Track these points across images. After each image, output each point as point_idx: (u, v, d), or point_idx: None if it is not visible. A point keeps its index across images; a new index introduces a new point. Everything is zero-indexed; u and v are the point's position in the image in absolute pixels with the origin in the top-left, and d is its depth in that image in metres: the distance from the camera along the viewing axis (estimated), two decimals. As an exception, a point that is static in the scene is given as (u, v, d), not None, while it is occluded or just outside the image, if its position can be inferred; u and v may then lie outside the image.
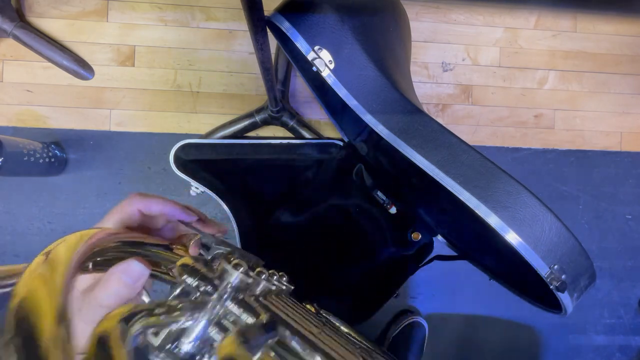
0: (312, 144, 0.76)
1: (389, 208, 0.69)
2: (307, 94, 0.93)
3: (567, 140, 1.01)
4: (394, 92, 0.44)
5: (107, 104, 0.88)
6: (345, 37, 0.44)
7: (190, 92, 0.90)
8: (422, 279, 0.96)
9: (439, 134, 0.41)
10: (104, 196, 0.88)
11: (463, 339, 0.99)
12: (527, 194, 0.38)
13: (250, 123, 0.86)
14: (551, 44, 1.00)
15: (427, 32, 0.96)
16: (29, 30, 0.82)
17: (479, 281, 0.76)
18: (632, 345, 1.03)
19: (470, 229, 0.59)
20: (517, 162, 0.99)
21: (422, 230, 0.68)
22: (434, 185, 0.41)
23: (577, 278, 0.39)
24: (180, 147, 0.73)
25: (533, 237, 0.38)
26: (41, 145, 0.80)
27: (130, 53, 0.88)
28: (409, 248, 0.69)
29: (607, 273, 1.02)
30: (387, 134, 0.43)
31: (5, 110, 0.86)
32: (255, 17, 0.38)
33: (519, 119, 0.99)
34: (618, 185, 1.01)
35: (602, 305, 1.02)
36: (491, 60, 0.98)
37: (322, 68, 0.44)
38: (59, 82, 0.87)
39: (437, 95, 0.97)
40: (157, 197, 0.29)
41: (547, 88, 1.00)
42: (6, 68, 0.86)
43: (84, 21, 0.87)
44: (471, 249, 0.62)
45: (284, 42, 0.51)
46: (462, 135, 0.42)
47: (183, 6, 0.88)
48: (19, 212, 0.86)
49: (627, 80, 1.02)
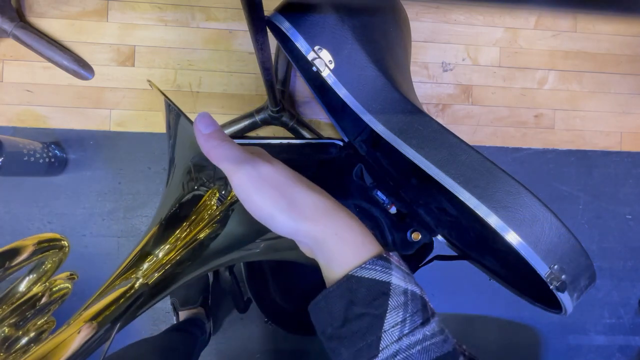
0: (312, 144, 0.76)
1: (389, 208, 0.69)
2: (307, 94, 0.93)
3: (567, 140, 1.01)
4: (394, 92, 0.44)
5: (107, 104, 0.88)
6: (345, 37, 0.44)
7: (190, 92, 0.90)
8: (422, 279, 0.96)
9: (439, 134, 0.41)
10: (104, 196, 0.88)
11: (463, 339, 0.99)
12: (527, 194, 0.38)
13: (250, 123, 0.86)
14: (551, 44, 1.00)
15: (427, 32, 0.96)
16: (29, 30, 0.82)
17: (479, 281, 0.76)
18: (632, 345, 1.03)
19: (470, 228, 0.59)
20: (517, 162, 0.99)
21: (422, 230, 0.68)
22: (434, 185, 0.41)
23: (577, 278, 0.39)
24: (180, 147, 0.72)
25: (533, 237, 0.38)
26: (41, 145, 0.80)
27: (130, 53, 0.88)
28: (409, 248, 0.69)
29: (607, 273, 1.02)
30: (387, 134, 0.43)
31: (5, 110, 0.86)
32: (255, 17, 0.38)
33: (519, 119, 0.99)
34: (618, 185, 1.01)
35: (602, 305, 1.02)
36: (491, 60, 0.98)
37: (322, 68, 0.44)
38: (59, 82, 0.87)
39: (437, 95, 0.97)
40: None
41: (547, 88, 1.00)
42: (6, 68, 0.86)
43: (84, 21, 0.87)
44: (471, 249, 0.62)
45: (284, 42, 0.51)
46: (462, 135, 0.42)
47: (183, 6, 0.88)
48: (19, 212, 0.86)
49: (627, 80, 1.02)
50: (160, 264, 0.26)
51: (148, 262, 0.26)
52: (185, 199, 0.26)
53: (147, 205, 0.89)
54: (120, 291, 0.21)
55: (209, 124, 0.23)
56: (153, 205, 0.89)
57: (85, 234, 0.88)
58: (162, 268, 0.26)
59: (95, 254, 0.88)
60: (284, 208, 0.22)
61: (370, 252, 0.23)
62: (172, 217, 0.27)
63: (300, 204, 0.22)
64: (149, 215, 0.89)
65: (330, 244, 0.23)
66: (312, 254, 0.24)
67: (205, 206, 0.26)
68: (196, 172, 0.26)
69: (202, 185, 0.26)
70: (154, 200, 0.89)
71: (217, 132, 0.23)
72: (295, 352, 0.95)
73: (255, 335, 0.93)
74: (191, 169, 0.26)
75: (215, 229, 0.26)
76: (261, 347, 0.93)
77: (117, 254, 0.89)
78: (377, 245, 0.24)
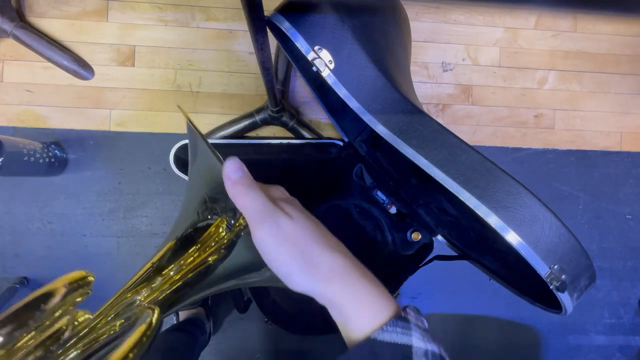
0: (312, 144, 0.76)
1: (389, 208, 0.69)
2: (307, 94, 0.93)
3: (567, 140, 1.01)
4: (394, 92, 0.44)
5: (107, 104, 0.88)
6: (345, 37, 0.44)
7: (190, 92, 0.90)
8: (422, 279, 0.96)
9: (439, 134, 0.41)
10: (104, 196, 0.88)
11: (463, 339, 0.99)
12: (527, 193, 0.38)
13: (250, 123, 0.86)
14: (551, 44, 1.00)
15: (427, 32, 0.96)
16: (29, 30, 0.82)
17: (479, 281, 0.76)
18: (632, 345, 1.03)
19: (470, 228, 0.59)
20: (517, 162, 0.99)
21: (422, 230, 0.68)
22: (434, 185, 0.41)
23: (577, 278, 0.39)
24: (180, 147, 0.73)
25: (533, 237, 0.38)
26: (41, 145, 0.80)
27: (130, 53, 0.88)
28: (409, 248, 0.69)
29: (607, 273, 1.02)
30: (387, 133, 0.43)
31: (5, 110, 0.86)
32: (255, 17, 0.38)
33: (519, 119, 0.99)
34: (618, 185, 1.01)
35: (602, 305, 1.02)
36: (491, 60, 0.98)
37: (322, 68, 0.44)
38: (59, 82, 0.87)
39: (437, 95, 0.97)
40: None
41: (547, 88, 1.00)
42: (6, 68, 0.86)
43: (84, 21, 0.87)
44: (471, 249, 0.62)
45: (284, 42, 0.51)
46: (462, 135, 0.42)
47: (183, 6, 0.88)
48: (19, 212, 0.86)
49: (627, 80, 1.02)
50: (172, 281, 0.27)
51: (160, 278, 0.26)
52: (200, 225, 0.28)
53: (147, 205, 0.89)
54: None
55: (238, 169, 0.23)
56: (153, 205, 0.89)
57: (85, 234, 0.88)
58: (172, 286, 0.26)
59: (95, 254, 0.88)
60: (302, 268, 0.23)
61: (389, 312, 0.24)
62: (186, 238, 0.28)
63: (318, 264, 0.23)
64: (149, 215, 0.89)
65: (347, 306, 0.23)
66: (329, 310, 0.25)
67: (213, 233, 0.27)
68: (211, 202, 0.27)
69: (215, 214, 0.27)
70: (154, 200, 0.89)
71: (245, 179, 0.24)
72: (295, 352, 0.95)
73: (255, 335, 0.93)
74: (207, 199, 0.27)
75: (223, 254, 0.27)
76: (261, 347, 0.93)
77: (117, 254, 0.89)
78: (393, 302, 0.25)
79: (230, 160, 0.24)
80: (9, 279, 0.86)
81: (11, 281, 0.85)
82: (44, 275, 0.87)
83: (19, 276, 0.86)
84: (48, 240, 0.87)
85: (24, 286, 0.86)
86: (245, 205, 0.23)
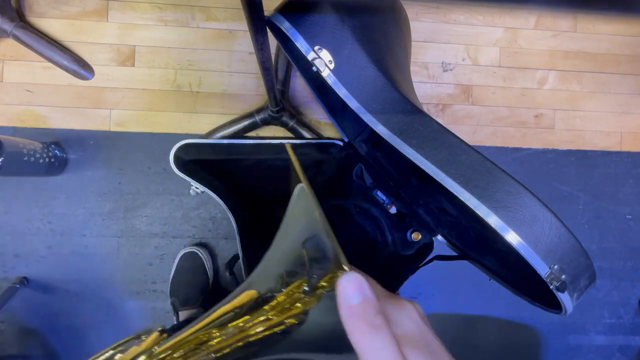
0: (312, 144, 0.76)
1: (389, 208, 0.69)
2: (307, 94, 0.93)
3: (567, 140, 1.01)
4: (394, 92, 0.44)
5: (107, 104, 0.88)
6: (345, 37, 0.44)
7: (190, 92, 0.90)
8: (422, 279, 0.96)
9: (439, 134, 0.41)
10: (104, 196, 0.88)
11: (463, 339, 0.99)
12: (527, 193, 0.38)
13: (250, 123, 0.86)
14: (551, 44, 1.00)
15: (427, 32, 0.96)
16: (29, 30, 0.82)
17: (479, 281, 0.76)
18: (632, 345, 1.03)
19: (470, 228, 0.59)
20: (517, 162, 0.99)
21: (422, 230, 0.68)
22: (434, 185, 0.41)
23: (577, 278, 0.39)
24: (180, 147, 0.73)
25: (533, 237, 0.38)
26: (41, 145, 0.80)
27: (130, 53, 0.88)
28: (409, 248, 0.69)
29: (607, 273, 1.02)
30: (387, 133, 0.43)
31: (5, 110, 0.86)
32: (255, 17, 0.38)
33: (519, 119, 0.99)
34: (618, 185, 1.01)
35: (602, 305, 1.02)
36: (491, 60, 0.98)
37: (322, 68, 0.44)
38: (59, 82, 0.87)
39: (437, 95, 0.97)
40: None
41: (547, 88, 1.00)
42: (6, 68, 0.86)
43: (84, 21, 0.87)
44: (471, 249, 0.62)
45: (284, 42, 0.51)
46: (462, 135, 0.42)
47: (183, 6, 0.88)
48: (19, 212, 0.86)
49: (627, 80, 1.02)
50: (245, 334, 0.24)
51: (232, 327, 0.24)
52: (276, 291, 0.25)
53: (147, 205, 0.89)
54: None
55: (357, 291, 0.17)
56: (153, 205, 0.89)
57: (85, 234, 0.88)
58: (243, 339, 0.24)
59: (95, 254, 0.88)
60: None
61: None
62: (264, 298, 0.25)
63: None
64: (149, 215, 0.89)
65: None
66: None
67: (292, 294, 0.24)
68: (288, 277, 0.24)
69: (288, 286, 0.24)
70: (154, 200, 0.89)
71: (369, 308, 0.17)
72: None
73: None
74: (284, 275, 0.24)
75: (301, 319, 0.23)
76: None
77: (117, 254, 0.89)
78: None
79: (350, 276, 0.17)
80: (9, 279, 0.86)
81: (11, 281, 0.85)
82: (44, 275, 0.87)
83: (19, 276, 0.86)
84: (48, 240, 0.87)
85: (24, 286, 0.86)
86: (364, 351, 0.17)
